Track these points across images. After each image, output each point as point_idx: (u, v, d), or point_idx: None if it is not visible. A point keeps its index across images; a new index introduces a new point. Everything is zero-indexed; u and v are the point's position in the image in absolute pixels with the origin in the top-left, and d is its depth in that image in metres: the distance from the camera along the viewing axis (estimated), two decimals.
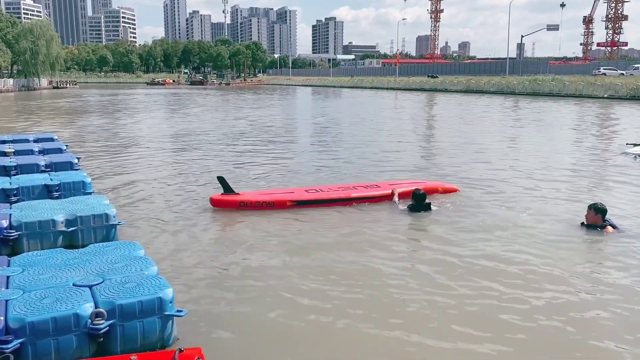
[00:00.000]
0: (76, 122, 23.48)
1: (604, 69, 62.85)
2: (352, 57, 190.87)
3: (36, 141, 10.74)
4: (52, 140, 11.24)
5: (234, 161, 12.28)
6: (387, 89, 67.43)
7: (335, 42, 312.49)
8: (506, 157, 12.62)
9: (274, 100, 46.37)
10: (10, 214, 5.50)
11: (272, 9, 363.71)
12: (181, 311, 3.74)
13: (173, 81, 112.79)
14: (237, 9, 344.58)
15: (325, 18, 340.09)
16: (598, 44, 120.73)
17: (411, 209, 7.42)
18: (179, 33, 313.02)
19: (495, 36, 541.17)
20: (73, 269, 4.09)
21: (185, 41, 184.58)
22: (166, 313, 3.65)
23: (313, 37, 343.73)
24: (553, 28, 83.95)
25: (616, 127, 19.74)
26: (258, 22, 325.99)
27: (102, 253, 4.46)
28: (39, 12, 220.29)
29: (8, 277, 3.92)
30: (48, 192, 6.85)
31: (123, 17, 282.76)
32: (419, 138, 17.96)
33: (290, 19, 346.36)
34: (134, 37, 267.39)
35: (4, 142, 10.34)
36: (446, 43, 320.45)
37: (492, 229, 6.66)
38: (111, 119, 25.22)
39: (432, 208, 7.42)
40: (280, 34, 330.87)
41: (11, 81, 66.90)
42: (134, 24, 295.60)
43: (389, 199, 7.97)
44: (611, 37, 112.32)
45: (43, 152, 9.55)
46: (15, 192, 6.69)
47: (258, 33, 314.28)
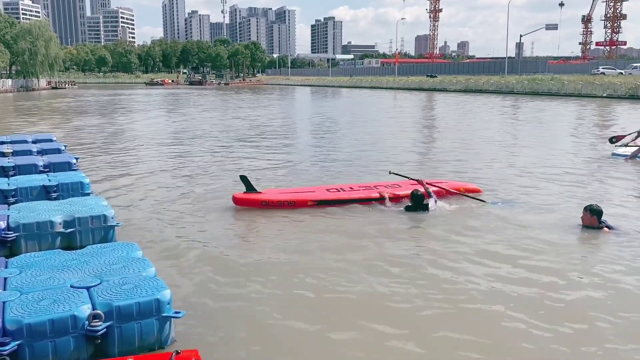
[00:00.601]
0: (75, 123, 23.46)
1: (603, 68, 62.96)
2: (351, 57, 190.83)
3: (35, 142, 10.72)
4: (51, 140, 11.20)
5: (234, 161, 12.28)
6: (386, 89, 67.45)
7: (334, 42, 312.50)
8: (502, 157, 12.62)
9: (273, 100, 46.36)
10: (8, 215, 5.48)
11: (271, 9, 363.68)
12: (179, 312, 3.74)
13: (172, 81, 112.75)
14: (236, 9, 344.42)
15: (324, 18, 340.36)
16: (597, 43, 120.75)
17: (407, 209, 7.43)
18: (178, 33, 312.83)
19: (494, 35, 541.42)
20: (71, 271, 4.09)
21: (184, 41, 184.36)
22: (164, 314, 3.65)
23: (312, 37, 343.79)
24: (552, 27, 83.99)
25: (614, 127, 19.73)
26: (257, 22, 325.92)
27: (100, 254, 4.45)
28: (38, 13, 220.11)
29: (5, 279, 3.91)
30: (46, 193, 6.83)
31: (122, 17, 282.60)
32: (414, 138, 17.95)
33: (289, 19, 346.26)
34: (133, 37, 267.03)
35: (3, 143, 10.31)
36: (445, 42, 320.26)
37: (487, 230, 6.65)
38: (110, 119, 25.21)
39: (430, 208, 7.43)
40: (279, 34, 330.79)
41: (10, 82, 66.81)
42: (133, 24, 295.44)
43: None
44: (610, 37, 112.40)
45: (41, 153, 9.52)
46: (13, 193, 6.67)
47: (257, 33, 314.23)
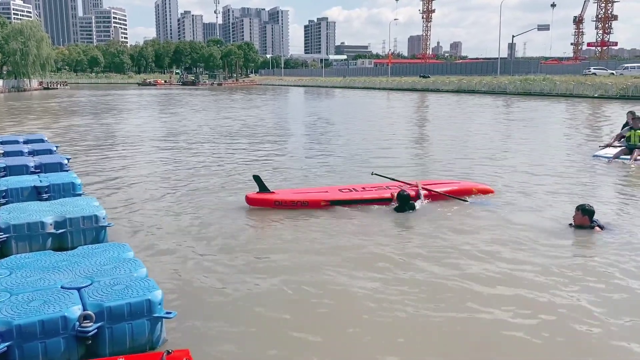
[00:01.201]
0: (67, 123, 23.34)
1: (594, 69, 63.38)
2: (345, 57, 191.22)
3: (26, 142, 10.67)
4: (42, 141, 11.16)
5: (225, 160, 12.25)
6: (379, 89, 67.58)
7: (327, 42, 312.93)
8: (493, 157, 12.64)
9: (267, 100, 46.32)
10: None
11: (264, 9, 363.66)
12: (170, 313, 3.73)
13: (165, 82, 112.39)
14: (229, 9, 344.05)
15: (317, 18, 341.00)
16: (588, 44, 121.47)
17: (397, 210, 7.46)
18: (171, 33, 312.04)
19: (486, 36, 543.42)
20: (61, 272, 4.07)
21: (177, 41, 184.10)
22: (155, 315, 3.64)
23: (305, 38, 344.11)
24: (544, 28, 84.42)
25: (604, 128, 19.84)
26: (250, 23, 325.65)
27: (91, 255, 4.43)
28: (29, 13, 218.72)
29: None
30: (37, 194, 6.81)
31: (114, 18, 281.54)
32: (407, 138, 17.99)
33: (282, 19, 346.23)
34: (125, 38, 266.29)
35: None
36: (438, 43, 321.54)
37: (477, 230, 6.66)
38: (102, 120, 25.09)
39: (416, 207, 7.49)
40: (272, 34, 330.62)
41: (0, 82, 66.28)
42: (125, 25, 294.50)
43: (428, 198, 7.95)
44: (601, 37, 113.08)
45: (32, 153, 9.48)
46: (3, 194, 6.64)
47: (250, 33, 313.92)
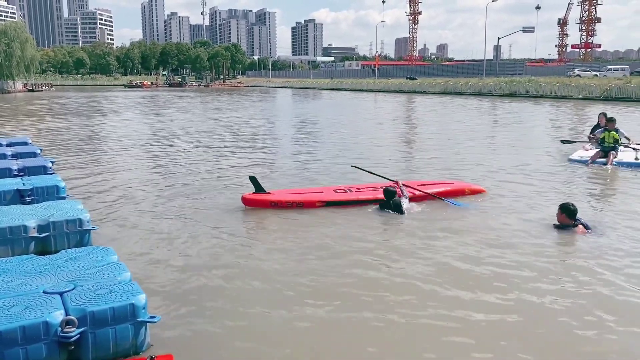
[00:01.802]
0: (51, 125, 23.10)
1: (579, 70, 64.08)
2: (332, 59, 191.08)
3: (9, 145, 10.54)
4: (26, 144, 11.03)
5: (210, 162, 12.20)
6: (367, 91, 67.74)
7: (315, 44, 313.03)
8: (479, 158, 12.71)
9: (255, 102, 46.20)
10: None
11: (251, 11, 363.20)
12: (154, 317, 3.70)
13: (151, 83, 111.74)
14: (216, 11, 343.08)
15: (304, 20, 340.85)
16: (572, 46, 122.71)
17: (382, 207, 7.52)
18: (157, 35, 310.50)
19: (473, 38, 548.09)
20: (44, 276, 4.02)
21: (163, 43, 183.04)
22: (139, 319, 3.60)
23: (293, 39, 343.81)
24: (529, 30, 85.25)
25: (588, 129, 20.02)
26: (237, 24, 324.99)
27: (75, 259, 4.39)
28: (14, 14, 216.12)
29: None
30: (20, 197, 6.72)
31: (100, 19, 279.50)
32: (395, 139, 18.06)
33: (269, 21, 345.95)
34: (112, 39, 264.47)
35: None
36: (424, 45, 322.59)
37: (461, 231, 6.69)
38: (87, 122, 24.87)
39: (404, 210, 7.48)
40: (259, 36, 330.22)
41: None
42: (111, 26, 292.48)
43: (425, 199, 7.99)
44: (585, 39, 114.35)
45: (16, 156, 9.36)
46: None
47: (237, 35, 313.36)
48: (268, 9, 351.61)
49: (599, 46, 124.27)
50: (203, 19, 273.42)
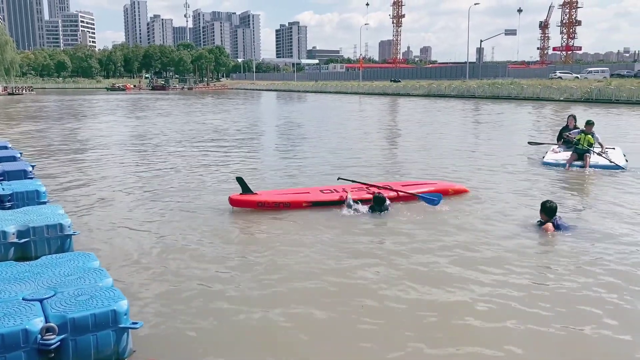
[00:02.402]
0: (31, 129, 22.79)
1: (560, 73, 64.90)
2: (316, 62, 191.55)
3: None
4: (6, 148, 10.87)
5: (192, 165, 12.10)
6: (351, 94, 67.89)
7: (299, 47, 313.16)
8: (462, 159, 12.80)
9: (238, 104, 46.05)
10: None
11: (235, 13, 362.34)
12: (136, 323, 3.65)
13: (134, 86, 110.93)
14: (200, 13, 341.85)
15: (288, 22, 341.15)
16: (554, 48, 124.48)
17: (372, 210, 7.56)
18: (140, 37, 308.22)
19: (456, 40, 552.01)
20: (23, 283, 3.96)
21: (146, 46, 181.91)
22: (121, 326, 3.56)
23: (277, 42, 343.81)
24: (511, 33, 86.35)
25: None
26: (221, 27, 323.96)
27: (55, 265, 4.32)
28: None
29: None
30: (0, 202, 6.63)
31: (82, 22, 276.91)
32: (380, 141, 18.11)
33: (253, 24, 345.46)
34: (94, 42, 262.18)
35: None
36: (408, 48, 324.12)
37: (443, 231, 6.73)
38: (68, 126, 24.57)
39: (389, 209, 7.58)
40: (243, 39, 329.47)
41: None
42: (93, 28, 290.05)
43: (404, 199, 8.07)
44: (566, 42, 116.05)
45: None
46: None
47: (221, 37, 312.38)
48: (252, 12, 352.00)
49: (580, 49, 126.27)
50: (186, 22, 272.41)
